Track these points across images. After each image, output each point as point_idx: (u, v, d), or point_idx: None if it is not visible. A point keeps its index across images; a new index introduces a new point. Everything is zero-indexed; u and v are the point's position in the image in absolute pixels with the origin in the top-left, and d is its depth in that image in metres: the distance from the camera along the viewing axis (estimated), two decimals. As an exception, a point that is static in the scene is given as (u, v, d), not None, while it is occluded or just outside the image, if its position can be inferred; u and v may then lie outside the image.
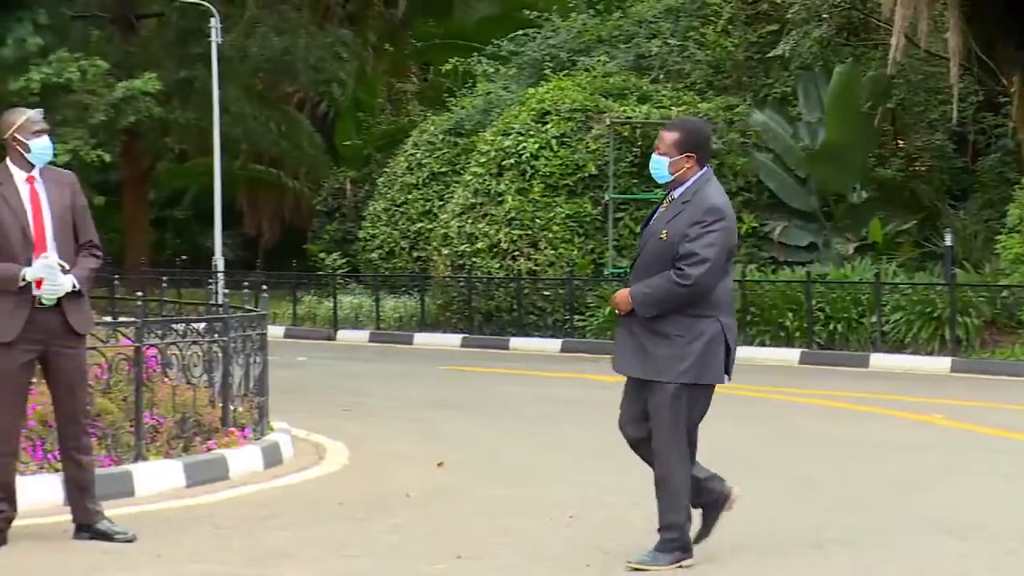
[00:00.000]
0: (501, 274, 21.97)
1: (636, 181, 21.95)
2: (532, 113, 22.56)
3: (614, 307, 6.73)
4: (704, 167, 6.66)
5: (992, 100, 22.84)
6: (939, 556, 6.91)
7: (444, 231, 23.18)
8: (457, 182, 24.56)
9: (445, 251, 22.88)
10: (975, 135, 23.39)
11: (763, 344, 18.96)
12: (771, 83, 24.11)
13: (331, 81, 32.64)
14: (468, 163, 24.02)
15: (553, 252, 21.74)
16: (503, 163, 22.33)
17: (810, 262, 21.03)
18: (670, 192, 6.68)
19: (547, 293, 21.64)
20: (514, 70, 27.01)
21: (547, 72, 24.68)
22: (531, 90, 23.86)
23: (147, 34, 32.33)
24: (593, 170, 21.94)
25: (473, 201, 22.56)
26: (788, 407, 13.86)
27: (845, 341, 18.56)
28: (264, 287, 12.83)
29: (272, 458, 9.86)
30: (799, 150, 22.14)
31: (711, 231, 6.47)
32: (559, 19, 27.75)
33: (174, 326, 9.82)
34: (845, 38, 24.42)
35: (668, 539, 6.62)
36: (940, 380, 16.31)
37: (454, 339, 21.94)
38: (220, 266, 27.78)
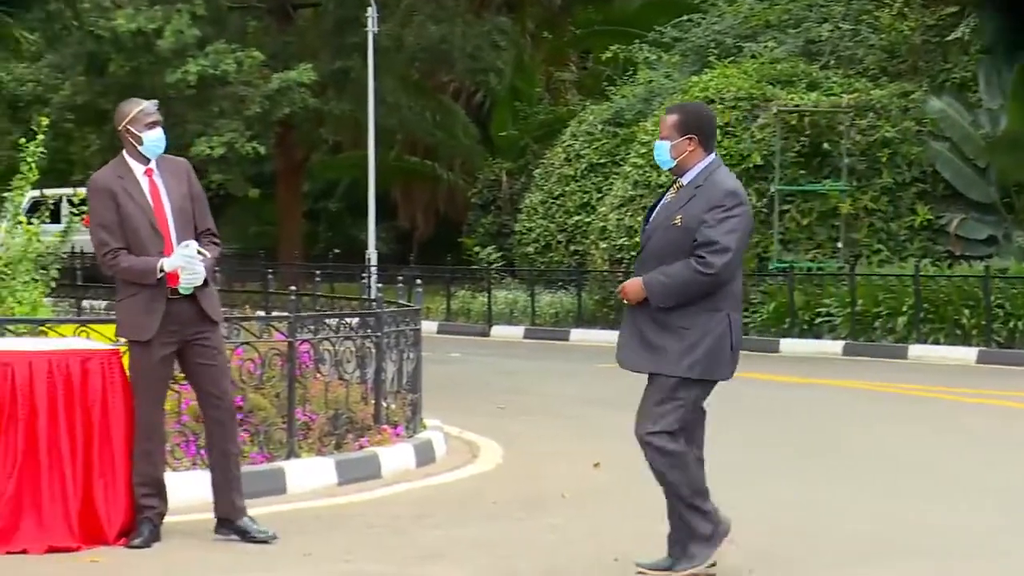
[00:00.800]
0: (661, 269, 21.84)
1: (803, 172, 21.68)
2: (696, 101, 22.40)
3: (622, 297, 6.57)
4: (710, 152, 6.50)
5: None
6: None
7: (602, 224, 23.14)
8: (616, 174, 24.50)
9: (603, 245, 22.84)
10: None
11: (937, 343, 18.59)
12: (949, 68, 23.57)
13: (488, 70, 32.80)
14: (628, 154, 23.94)
15: (716, 246, 21.56)
16: (664, 154, 22.20)
17: (989, 256, 20.53)
18: (677, 179, 6.54)
19: (708, 288, 21.46)
20: (677, 57, 26.84)
21: (711, 59, 24.47)
22: (694, 78, 23.68)
23: (304, 24, 32.85)
24: (758, 160, 21.70)
25: (632, 193, 22.49)
26: (958, 408, 13.57)
27: (1027, 340, 18.10)
28: (418, 281, 12.93)
29: (425, 456, 9.95)
30: (979, 138, 21.64)
31: (731, 216, 6.31)
32: (725, 3, 27.49)
33: (327, 321, 9.96)
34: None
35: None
36: None
37: (611, 335, 21.75)
38: (373, 260, 28.11)
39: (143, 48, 27.46)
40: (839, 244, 21.38)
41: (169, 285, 7.04)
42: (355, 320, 10.27)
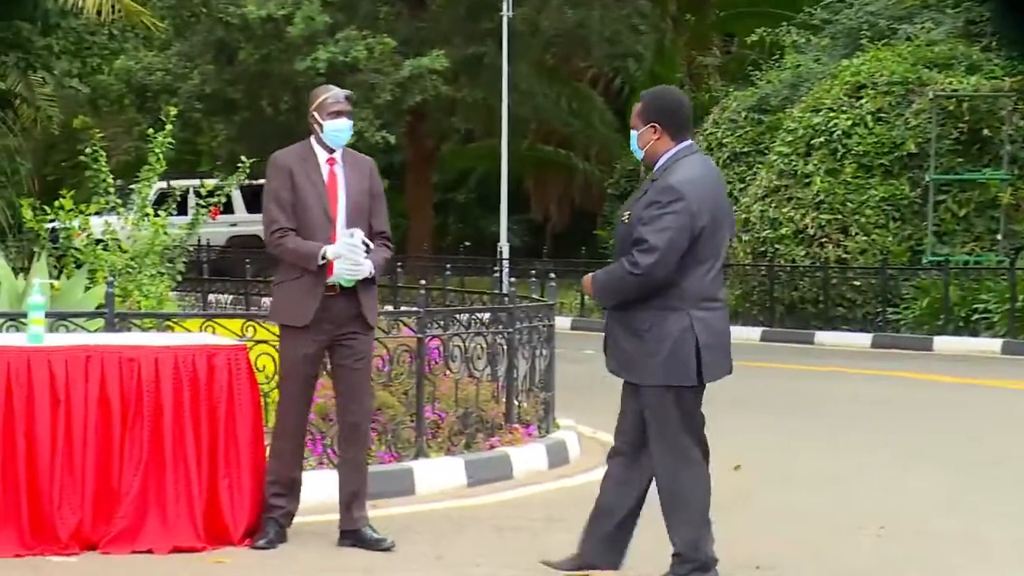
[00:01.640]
0: (807, 262, 21.65)
1: (961, 160, 21.30)
2: (846, 87, 22.13)
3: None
4: (680, 141, 6.32)
5: None
6: None
7: (745, 215, 22.98)
8: (760, 163, 24.30)
9: (746, 237, 22.68)
10: None
11: None
12: (1119, 50, 23.01)
13: (627, 55, 32.68)
14: (773, 142, 23.73)
15: (865, 238, 21.30)
16: (812, 142, 21.98)
17: None
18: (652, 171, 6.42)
19: (858, 283, 21.21)
20: (827, 40, 26.51)
21: (864, 41, 24.14)
22: (845, 62, 23.39)
23: (437, 9, 33.03)
24: (913, 148, 21.37)
25: (777, 183, 22.30)
26: None
27: None
28: (551, 275, 12.96)
29: (558, 457, 9.97)
30: None
31: (666, 213, 6.13)
32: (879, -17, 27.10)
33: (457, 316, 10.01)
34: None
35: (683, 560, 6.40)
36: None
37: (753, 332, 21.74)
38: (505, 253, 28.21)
39: (273, 35, 27.83)
40: (999, 236, 20.99)
41: (329, 276, 7.10)
42: (486, 315, 10.31)
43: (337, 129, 7.20)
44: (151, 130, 11.71)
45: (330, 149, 7.23)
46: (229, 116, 30.16)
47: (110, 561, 6.84)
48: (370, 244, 7.10)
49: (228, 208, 28.65)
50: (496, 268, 26.25)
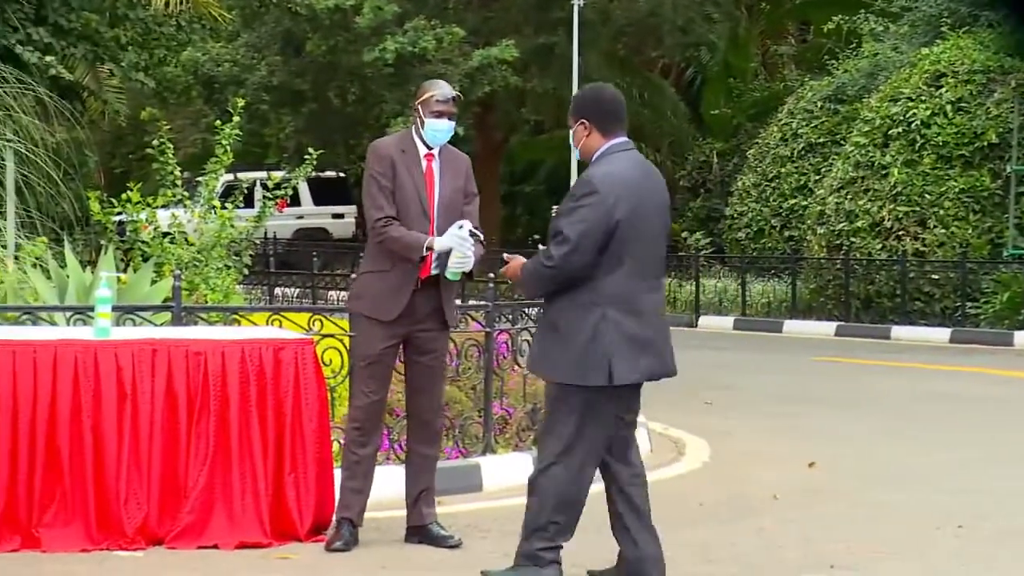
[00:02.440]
0: (883, 255, 21.48)
1: (1043, 151, 21.07)
2: (925, 76, 21.94)
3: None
4: (611, 137, 6.31)
5: None
6: None
7: (820, 208, 22.85)
8: (836, 154, 24.15)
9: (820, 230, 22.55)
10: None
11: None
12: None
13: (699, 44, 32.57)
14: (849, 132, 23.58)
15: (944, 231, 21.11)
16: (889, 132, 21.81)
17: None
18: None
19: (936, 277, 21.03)
20: (905, 28, 26.29)
21: (944, 29, 23.92)
22: (924, 50, 23.18)
23: (507, -2, 33.00)
24: (994, 139, 21.16)
25: (854, 175, 22.15)
26: None
27: None
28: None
29: (628, 453, 9.95)
30: None
31: (581, 206, 6.13)
32: (959, -31, 26.85)
33: (526, 310, 10.02)
34: None
35: (525, 550, 6.33)
36: None
37: (828, 327, 21.62)
38: (575, 246, 28.14)
39: (340, 26, 27.95)
40: (1083, 229, 20.75)
41: (420, 275, 7.12)
42: (555, 310, 10.29)
43: (437, 129, 7.22)
44: (218, 122, 11.80)
45: (428, 145, 7.26)
46: (296, 108, 30.30)
47: (176, 556, 6.90)
48: (479, 234, 7.11)
49: (295, 201, 28.84)
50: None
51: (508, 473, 8.89)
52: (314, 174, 13.24)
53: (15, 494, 6.93)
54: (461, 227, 7.01)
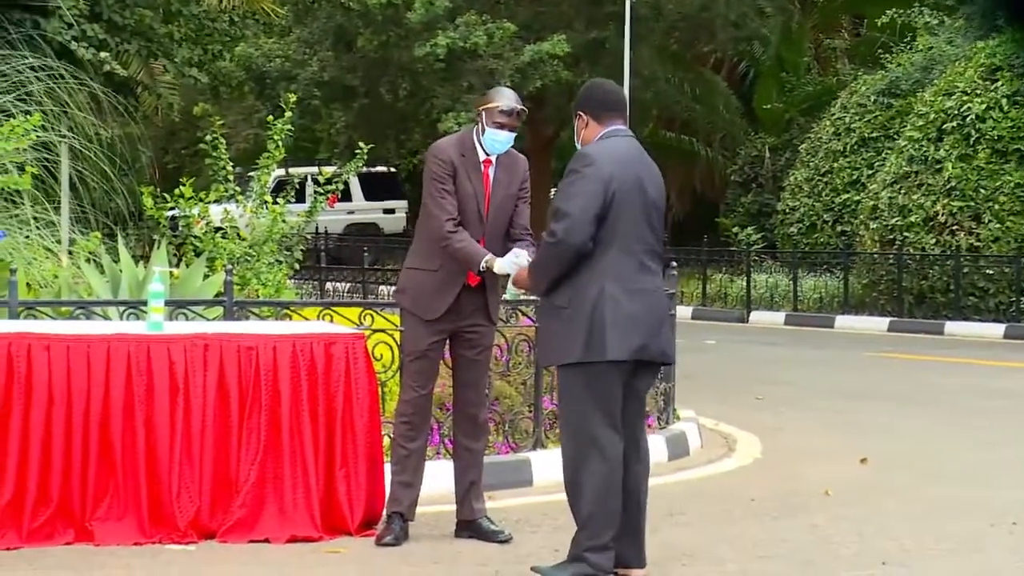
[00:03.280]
0: (937, 250, 21.33)
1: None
2: (980, 69, 21.76)
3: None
4: (607, 124, 6.48)
5: None
6: None
7: (873, 203, 22.71)
8: (890, 148, 23.99)
9: (873, 225, 22.41)
10: None
11: None
12: None
13: (752, 39, 32.41)
14: (903, 127, 23.41)
15: (999, 226, 20.92)
16: (943, 126, 21.64)
17: None
18: None
19: (990, 272, 20.86)
20: (961, 21, 26.09)
21: (1000, 23, 23.71)
22: (980, 43, 23.00)
23: (559, -8, 32.97)
24: (1045, 133, 20.97)
25: (907, 169, 22.00)
26: None
27: None
28: (672, 264, 12.87)
29: (678, 449, 9.95)
30: None
31: (576, 180, 6.29)
32: (1014, -39, 26.60)
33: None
34: None
35: (574, 553, 6.37)
36: None
37: (880, 322, 21.50)
38: (627, 240, 28.08)
39: (392, 21, 27.97)
40: None
41: (468, 280, 7.16)
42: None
43: (496, 139, 7.25)
44: (270, 117, 11.85)
45: (486, 151, 7.27)
46: (347, 103, 30.36)
47: (227, 550, 6.95)
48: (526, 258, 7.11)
49: (346, 196, 28.93)
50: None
51: (558, 468, 8.82)
52: (365, 169, 13.27)
53: (69, 488, 6.99)
54: (518, 256, 7.01)
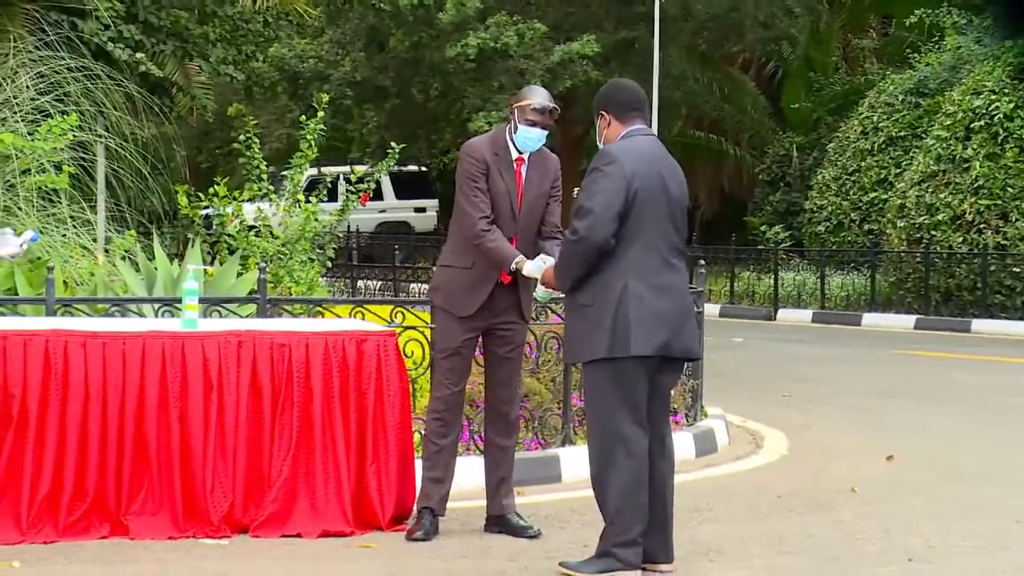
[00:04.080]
0: (964, 249, 21.25)
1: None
2: (1009, 68, 21.66)
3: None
4: (628, 123, 6.51)
5: None
6: None
7: (900, 201, 22.63)
8: (917, 147, 23.91)
9: (900, 223, 22.34)
10: None
11: None
12: None
13: (780, 39, 32.33)
14: (931, 126, 23.33)
15: (1026, 224, 20.85)
16: (971, 125, 21.56)
17: None
18: None
19: (1017, 270, 20.76)
20: (990, 20, 25.95)
21: (1007, 35, 23.60)
22: (1008, 42, 22.88)
23: (589, -7, 32.97)
24: (1066, 134, 20.86)
25: (935, 168, 21.92)
26: None
27: None
28: (701, 262, 12.87)
29: (705, 446, 9.94)
30: None
31: (598, 178, 6.30)
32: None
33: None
34: None
35: (602, 548, 6.39)
36: None
37: (907, 320, 21.42)
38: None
39: (423, 22, 28.00)
40: None
41: (501, 279, 7.17)
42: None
43: (529, 137, 7.25)
44: (303, 117, 11.88)
45: (518, 150, 7.28)
46: (379, 103, 30.40)
47: (260, 544, 6.97)
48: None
49: (377, 195, 28.95)
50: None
51: (586, 464, 8.85)
52: (396, 168, 13.29)
53: (104, 483, 7.02)
54: (545, 261, 7.00)
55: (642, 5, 28.82)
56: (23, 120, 10.45)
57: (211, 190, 11.31)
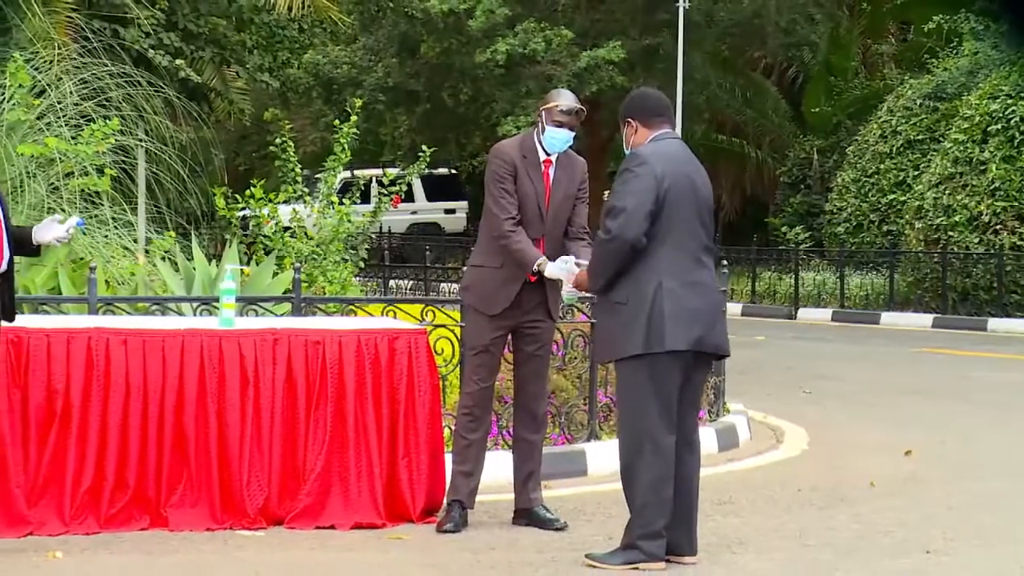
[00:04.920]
0: (980, 249, 21.16)
1: None
2: (1024, 73, 21.57)
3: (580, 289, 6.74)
4: (655, 128, 6.52)
5: None
6: None
7: (918, 203, 22.55)
8: (935, 150, 23.81)
9: (918, 224, 22.25)
10: None
11: None
12: None
13: (802, 44, 32.23)
14: (948, 130, 23.23)
15: (1042, 226, 20.74)
16: (988, 129, 21.46)
17: None
18: None
19: (1033, 270, 20.69)
20: (1007, 26, 25.83)
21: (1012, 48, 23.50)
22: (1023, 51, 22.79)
23: (614, 0, 32.96)
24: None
25: (952, 171, 21.82)
26: None
27: None
28: (723, 262, 12.85)
29: (728, 441, 9.92)
30: None
31: (629, 179, 6.30)
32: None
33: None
34: None
35: (626, 541, 6.38)
36: None
37: (925, 319, 21.34)
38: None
39: (454, 28, 28.04)
40: None
41: (529, 278, 7.16)
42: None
43: (556, 137, 7.25)
44: (336, 121, 11.90)
45: (546, 151, 7.28)
46: (411, 107, 30.45)
47: (295, 536, 6.99)
48: (583, 264, 7.07)
49: (409, 196, 28.99)
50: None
51: (612, 459, 8.82)
52: (427, 171, 13.30)
53: (145, 476, 7.06)
54: (567, 262, 7.00)
55: (666, 12, 28.79)
56: (67, 125, 10.49)
57: (248, 192, 11.34)
